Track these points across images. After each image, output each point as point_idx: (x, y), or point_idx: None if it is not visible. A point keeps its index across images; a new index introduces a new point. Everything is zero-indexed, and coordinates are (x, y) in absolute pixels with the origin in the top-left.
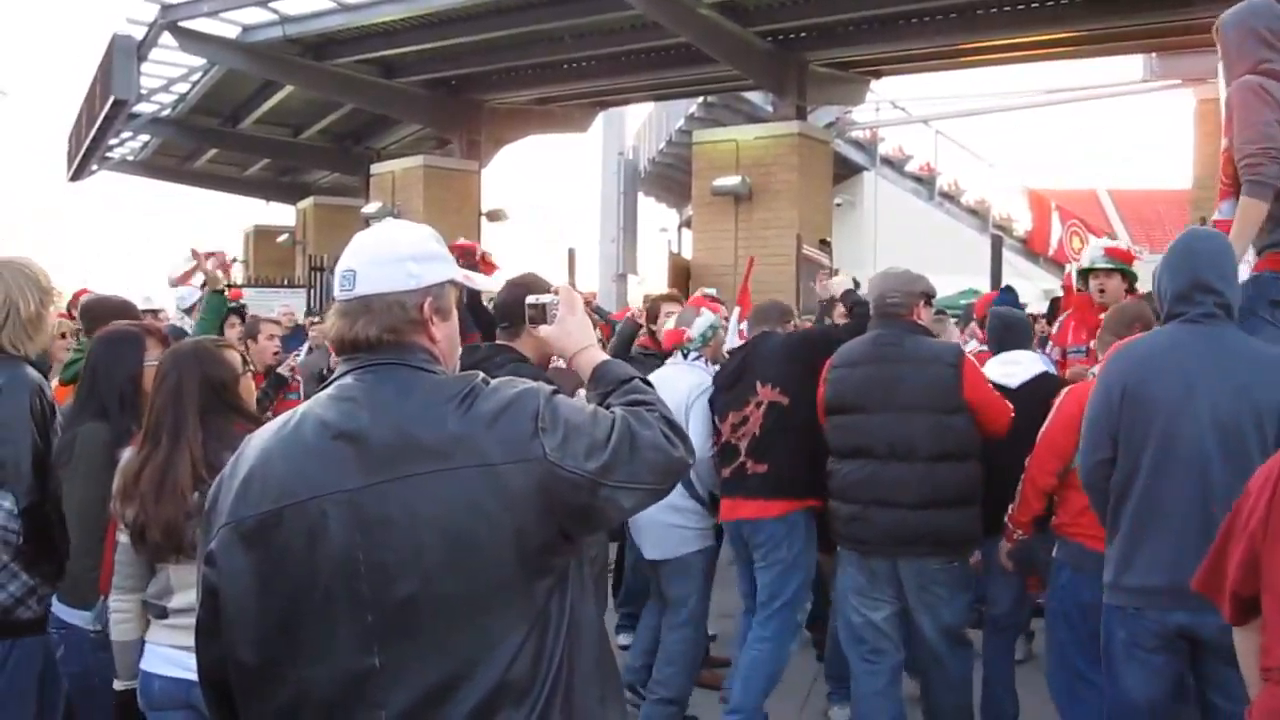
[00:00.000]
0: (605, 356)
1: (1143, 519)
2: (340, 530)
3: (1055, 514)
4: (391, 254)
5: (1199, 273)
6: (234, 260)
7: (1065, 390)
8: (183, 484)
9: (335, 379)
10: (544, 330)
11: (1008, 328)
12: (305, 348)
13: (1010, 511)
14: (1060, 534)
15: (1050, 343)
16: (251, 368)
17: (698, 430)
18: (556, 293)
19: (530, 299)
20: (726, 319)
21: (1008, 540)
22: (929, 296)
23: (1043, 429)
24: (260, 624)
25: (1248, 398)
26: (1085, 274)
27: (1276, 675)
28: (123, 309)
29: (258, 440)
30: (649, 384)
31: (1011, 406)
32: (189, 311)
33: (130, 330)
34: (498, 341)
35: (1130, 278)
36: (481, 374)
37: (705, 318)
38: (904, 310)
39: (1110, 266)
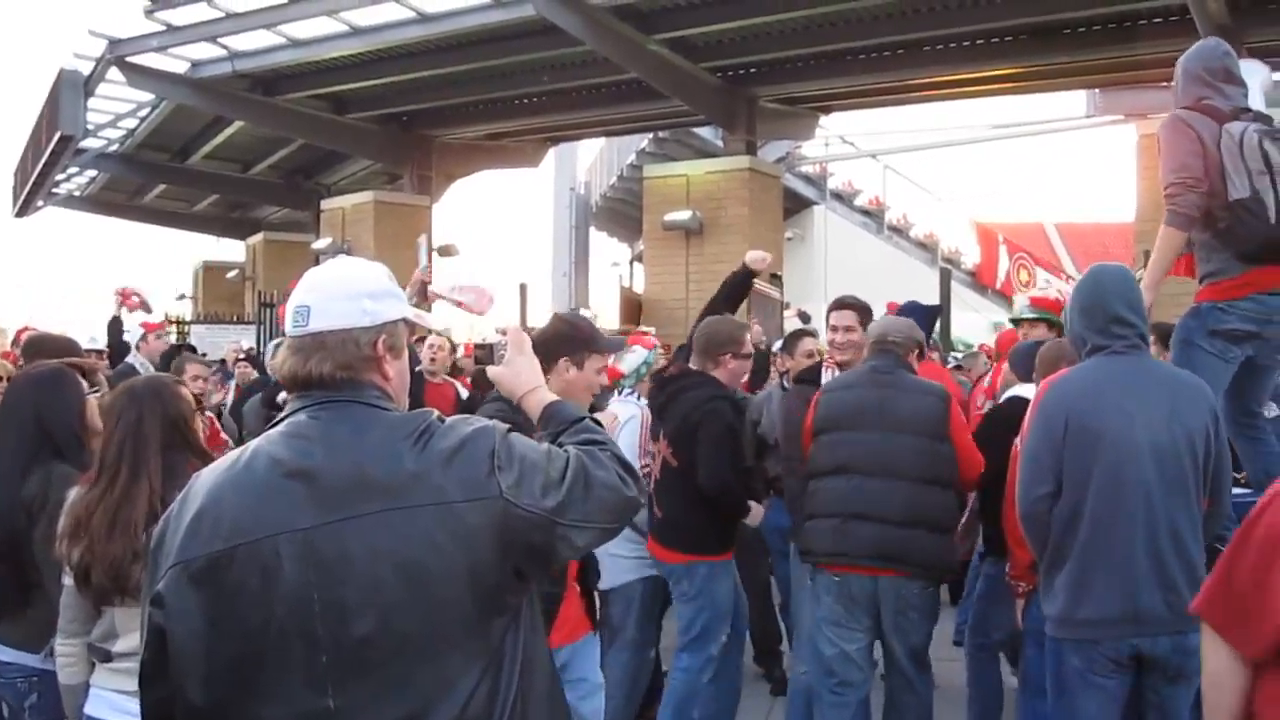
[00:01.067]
0: (554, 397)
1: (1094, 550)
2: (294, 569)
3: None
4: (346, 290)
5: (1112, 307)
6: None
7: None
8: (137, 521)
9: (287, 415)
10: (491, 371)
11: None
12: (231, 385)
13: (1008, 571)
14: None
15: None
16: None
17: None
18: (504, 334)
19: (477, 341)
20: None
21: (1017, 596)
22: (922, 348)
23: (1011, 479)
24: (210, 665)
25: (1179, 422)
26: (1015, 324)
27: None
28: (67, 348)
29: (207, 477)
30: (599, 424)
31: (984, 462)
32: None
33: (63, 369)
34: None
35: (1056, 325)
36: (436, 412)
37: (637, 354)
38: (901, 350)
39: (1035, 316)
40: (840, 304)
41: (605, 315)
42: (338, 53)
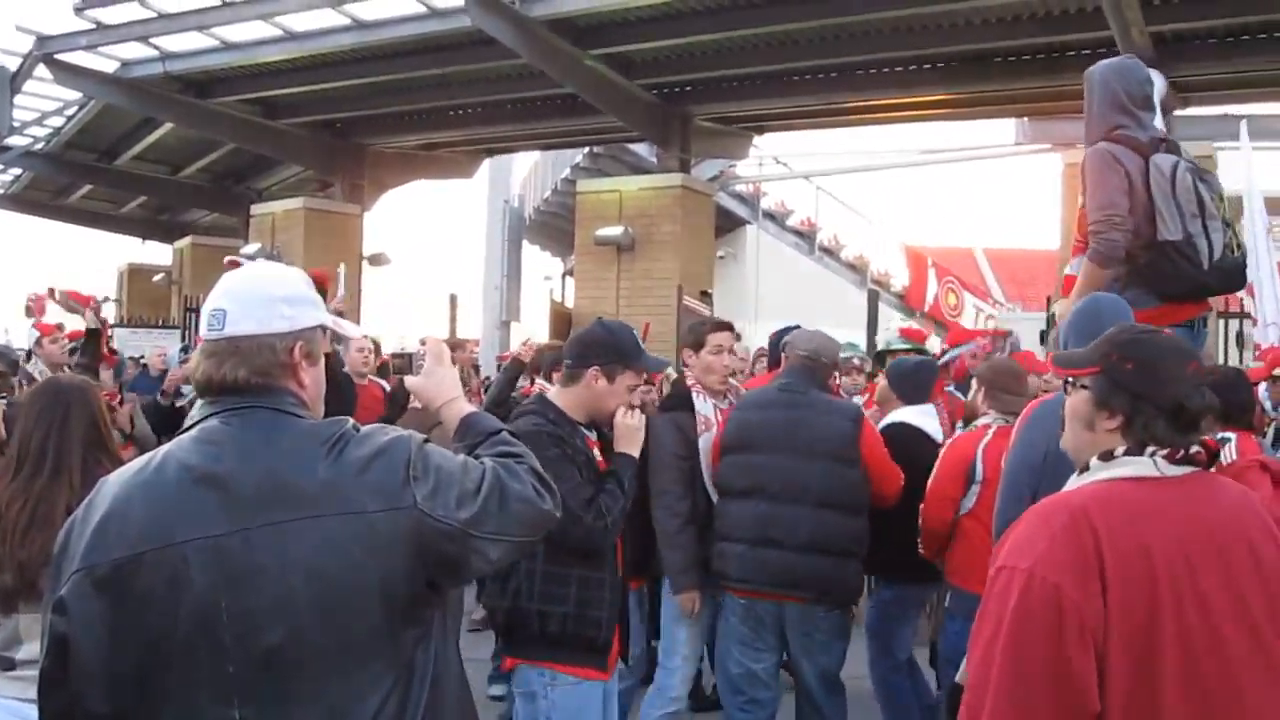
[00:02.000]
0: (472, 408)
1: None
2: (202, 577)
3: (946, 563)
4: (263, 295)
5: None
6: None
7: (948, 442)
8: (56, 519)
9: (198, 421)
10: (410, 381)
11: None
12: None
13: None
14: (952, 583)
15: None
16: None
17: None
18: (424, 344)
19: (392, 352)
20: None
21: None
22: (838, 368)
23: (930, 481)
24: (113, 674)
25: None
26: (882, 355)
27: None
28: None
29: (114, 482)
30: (517, 436)
31: (902, 475)
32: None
33: None
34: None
35: (926, 356)
36: (352, 420)
37: None
38: (823, 372)
39: (905, 347)
40: (724, 325)
41: (535, 328)
42: (272, 57)
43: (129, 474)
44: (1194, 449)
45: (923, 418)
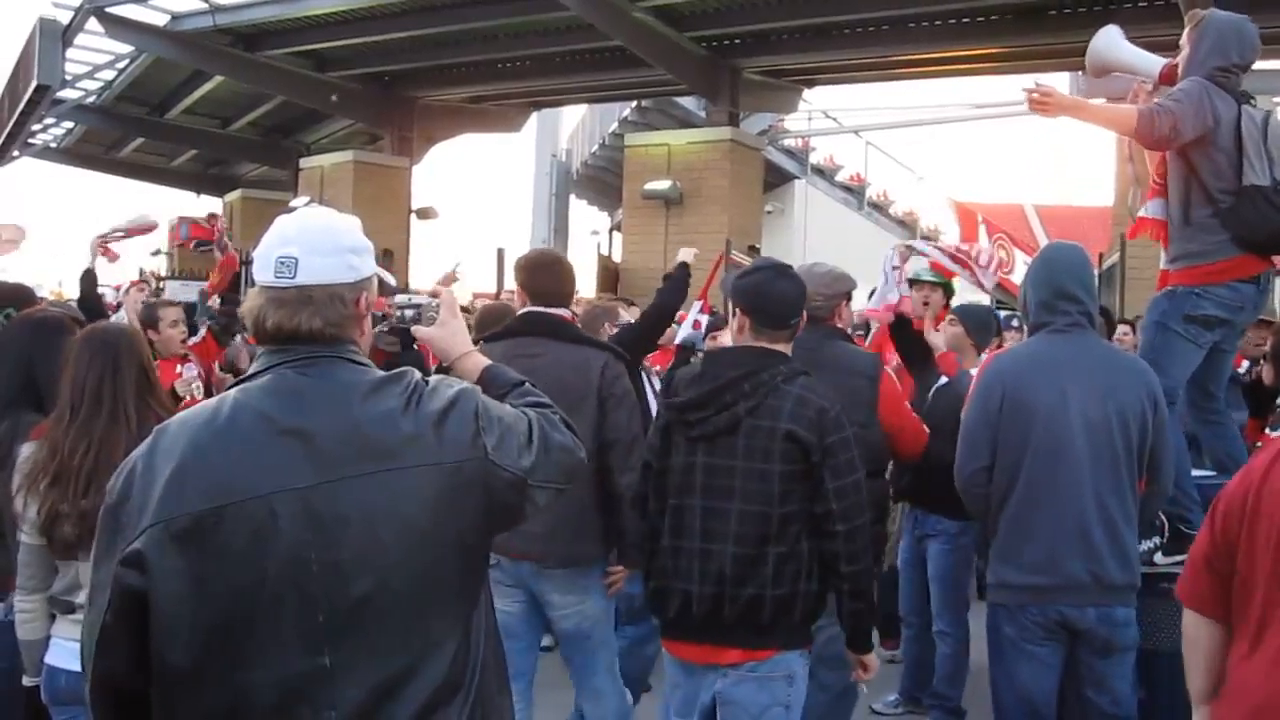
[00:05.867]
0: (488, 361)
1: (1021, 519)
2: (290, 529)
3: None
4: (334, 244)
5: (1061, 283)
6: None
7: None
8: (119, 464)
9: (266, 369)
10: (424, 332)
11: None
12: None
13: None
14: None
15: None
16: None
17: None
18: (436, 295)
19: (400, 299)
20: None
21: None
22: (849, 296)
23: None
24: (196, 627)
25: (1113, 400)
26: (910, 284)
27: None
28: (25, 298)
29: (178, 431)
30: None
31: (928, 431)
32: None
33: (65, 319)
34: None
35: (949, 292)
36: (416, 371)
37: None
38: (825, 313)
39: (935, 280)
40: None
41: (582, 283)
42: (320, 10)
43: (196, 423)
44: None
45: None
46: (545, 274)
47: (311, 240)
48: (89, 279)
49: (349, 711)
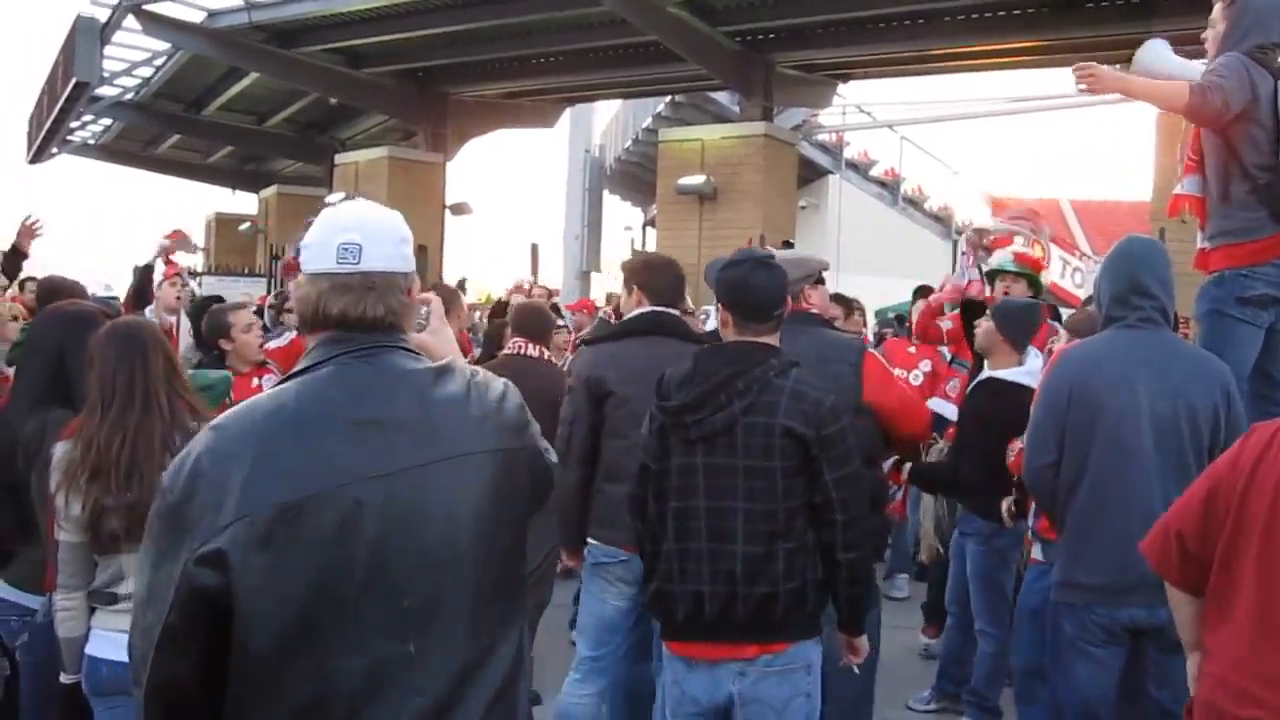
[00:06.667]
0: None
1: (1089, 517)
2: (374, 517)
3: (1035, 518)
4: (394, 234)
5: (1137, 277)
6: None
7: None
8: (155, 453)
9: (330, 359)
10: (415, 338)
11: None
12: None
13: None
14: (1042, 537)
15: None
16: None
17: None
18: (426, 302)
19: (470, 303)
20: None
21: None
22: (821, 280)
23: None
24: (284, 619)
25: (1183, 399)
26: (993, 276)
27: None
28: (79, 293)
29: (245, 426)
30: None
31: (926, 407)
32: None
33: (97, 313)
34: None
35: (1036, 285)
36: (461, 360)
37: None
38: (791, 297)
39: (1018, 271)
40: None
41: (616, 279)
42: (355, 6)
43: (261, 416)
44: None
45: (1025, 378)
46: (664, 274)
47: (372, 228)
48: (145, 273)
49: (435, 696)
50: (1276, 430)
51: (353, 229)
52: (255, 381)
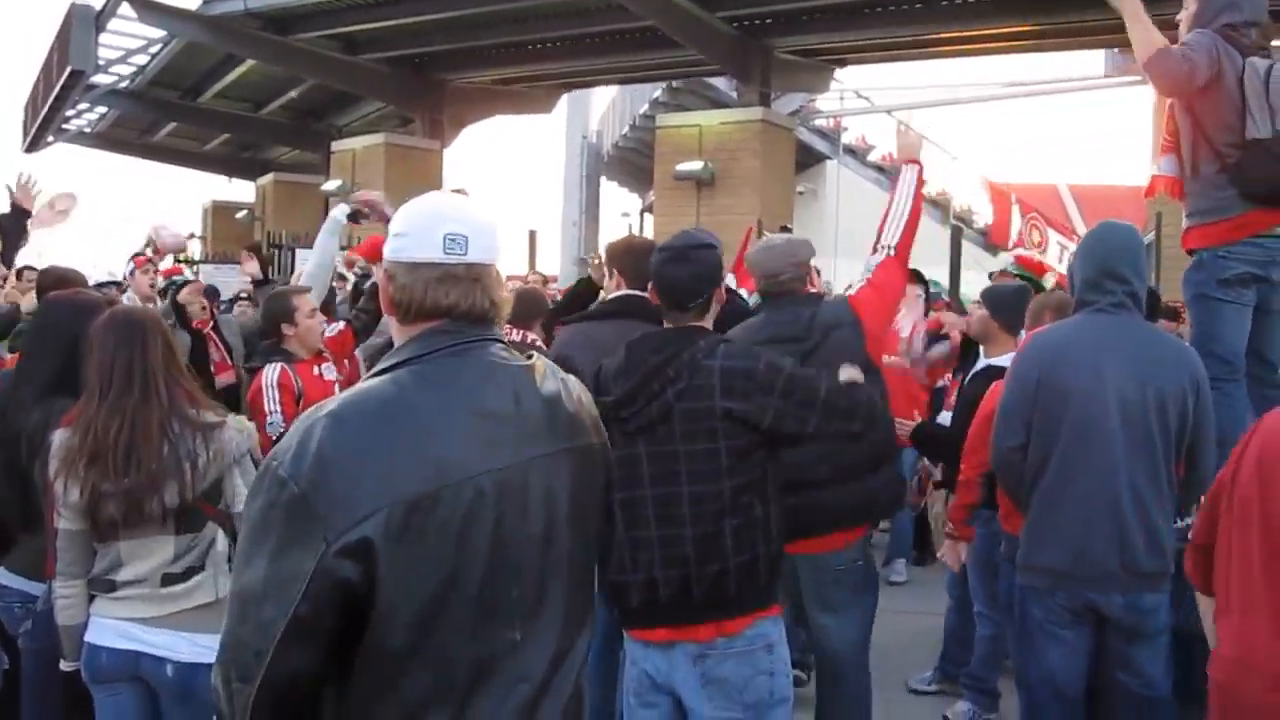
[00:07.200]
0: None
1: (1052, 501)
2: (495, 508)
3: (1000, 510)
4: (490, 226)
5: (1110, 262)
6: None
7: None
8: (154, 437)
9: (435, 351)
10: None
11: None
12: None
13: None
14: (1008, 531)
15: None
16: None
17: None
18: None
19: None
20: None
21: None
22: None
23: (970, 427)
24: (415, 610)
25: (1151, 385)
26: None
27: None
28: (80, 281)
29: (368, 418)
30: None
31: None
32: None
33: (99, 298)
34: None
35: (1037, 289)
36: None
37: None
38: (799, 284)
39: (1017, 274)
40: None
41: None
42: None
43: (379, 407)
44: None
45: None
46: (646, 258)
47: (476, 220)
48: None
49: (534, 684)
50: (1258, 427)
51: (457, 220)
52: (316, 370)
